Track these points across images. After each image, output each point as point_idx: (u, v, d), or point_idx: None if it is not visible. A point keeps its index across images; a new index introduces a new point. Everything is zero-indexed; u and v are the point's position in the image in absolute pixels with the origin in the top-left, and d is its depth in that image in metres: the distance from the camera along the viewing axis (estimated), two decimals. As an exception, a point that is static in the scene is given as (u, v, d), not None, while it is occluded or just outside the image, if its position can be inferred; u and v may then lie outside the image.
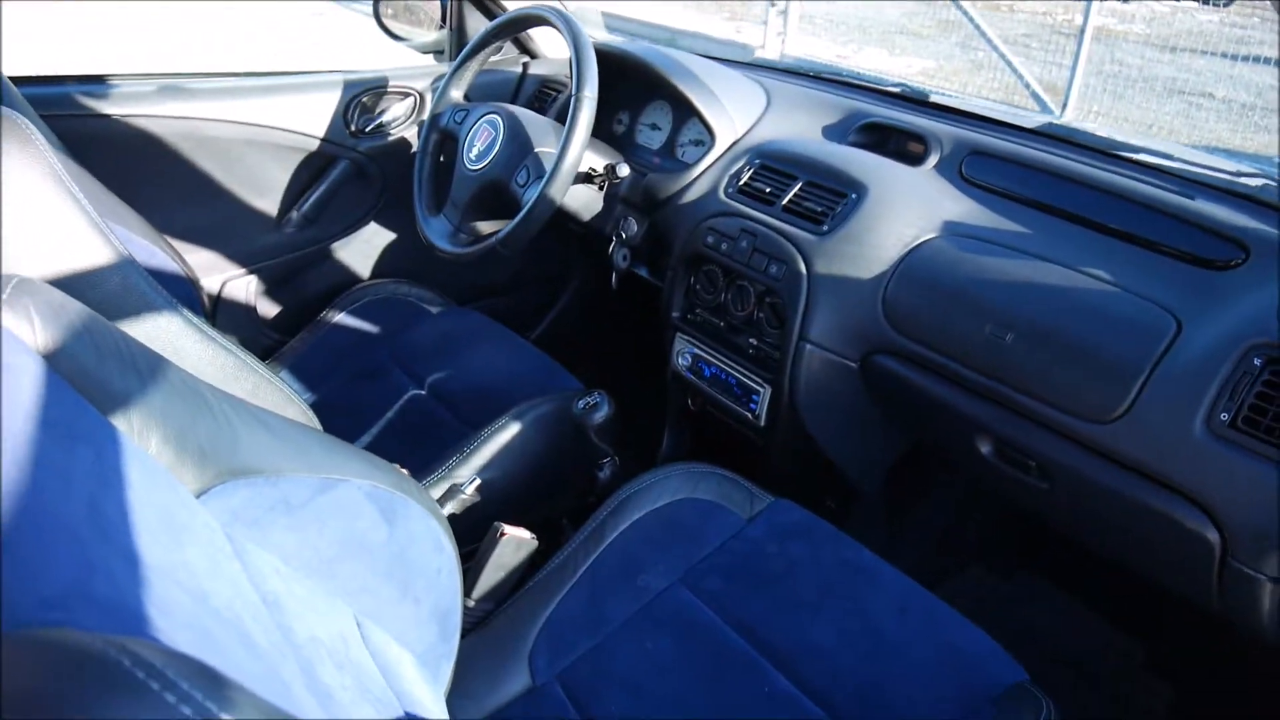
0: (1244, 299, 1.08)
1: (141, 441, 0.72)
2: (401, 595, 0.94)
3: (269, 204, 1.81)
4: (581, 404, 1.40)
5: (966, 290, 1.23)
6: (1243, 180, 1.26)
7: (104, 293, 0.94)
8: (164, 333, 1.01)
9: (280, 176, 1.80)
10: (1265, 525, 0.98)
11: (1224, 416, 1.00)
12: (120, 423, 0.71)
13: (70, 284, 0.91)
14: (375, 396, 1.58)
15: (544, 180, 1.42)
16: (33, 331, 0.66)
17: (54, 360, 0.67)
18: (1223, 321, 1.06)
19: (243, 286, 1.79)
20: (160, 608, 0.52)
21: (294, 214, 1.83)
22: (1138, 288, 1.15)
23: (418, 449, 1.45)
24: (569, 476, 1.50)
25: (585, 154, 1.52)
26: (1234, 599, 1.06)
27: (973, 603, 1.68)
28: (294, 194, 1.83)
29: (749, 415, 1.48)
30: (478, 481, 1.34)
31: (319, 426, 1.16)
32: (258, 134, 1.71)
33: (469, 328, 1.74)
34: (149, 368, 0.76)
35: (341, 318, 1.79)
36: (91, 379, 0.69)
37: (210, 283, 1.76)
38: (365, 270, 1.96)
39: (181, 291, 1.21)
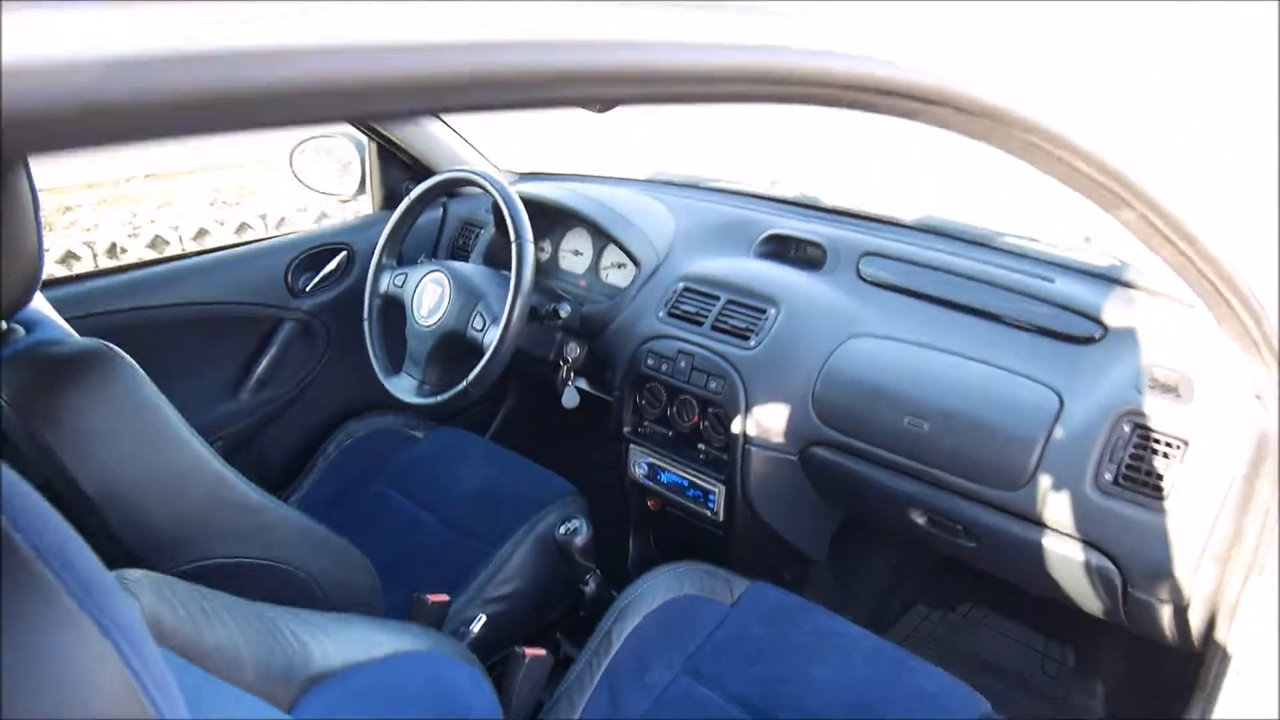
0: (1110, 371, 1.31)
1: (239, 680, 0.86)
2: None
3: (223, 375, 1.91)
4: (563, 530, 1.56)
5: (882, 387, 1.43)
6: (1094, 260, 1.50)
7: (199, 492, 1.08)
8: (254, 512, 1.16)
9: (230, 347, 1.91)
10: (1154, 561, 1.20)
11: (1108, 476, 1.23)
12: (218, 671, 0.84)
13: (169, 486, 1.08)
14: (386, 527, 1.71)
15: (501, 323, 1.58)
16: (143, 614, 0.79)
17: (160, 635, 0.80)
18: (1096, 393, 1.29)
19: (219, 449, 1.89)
20: None
21: (249, 380, 1.93)
22: (1022, 369, 1.37)
23: (435, 573, 1.59)
24: (559, 591, 1.65)
25: None
26: (1137, 618, 1.28)
27: (923, 638, 1.89)
28: (245, 361, 1.94)
29: (708, 512, 1.66)
30: (491, 610, 1.49)
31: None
32: (203, 312, 1.82)
33: (455, 446, 1.88)
34: (227, 614, 0.90)
35: (337, 455, 1.90)
36: (192, 642, 0.82)
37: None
38: (328, 415, 2.06)
39: None
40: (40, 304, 1.26)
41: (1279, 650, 1.20)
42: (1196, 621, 1.26)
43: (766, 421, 1.55)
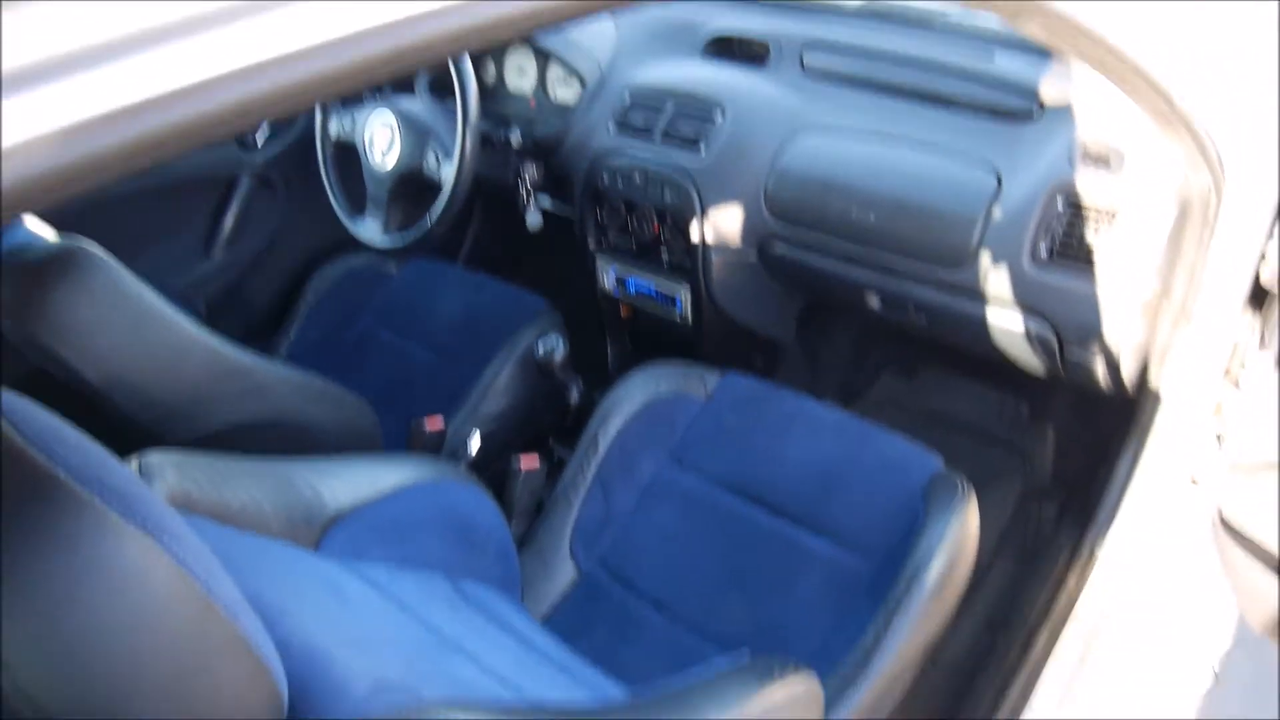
0: (1046, 147, 1.36)
1: (266, 532, 0.97)
2: (471, 549, 1.22)
3: (191, 238, 1.94)
4: (542, 349, 1.65)
5: (830, 180, 1.49)
6: None
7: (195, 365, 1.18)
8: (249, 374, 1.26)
9: (191, 210, 1.92)
10: (1087, 322, 1.31)
11: (1043, 250, 1.31)
12: (250, 526, 0.94)
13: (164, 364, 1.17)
14: (377, 361, 1.81)
15: (455, 156, 1.60)
16: (170, 492, 0.89)
17: (191, 506, 0.89)
18: (1032, 171, 1.35)
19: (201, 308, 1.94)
20: (379, 664, 0.76)
21: (218, 239, 1.96)
22: (963, 150, 1.42)
23: (427, 400, 1.69)
24: (545, 404, 1.76)
25: None
26: (1075, 374, 1.41)
27: (890, 404, 2.03)
28: (209, 221, 1.96)
29: (676, 315, 1.75)
30: (485, 429, 1.61)
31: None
32: (156, 181, 1.81)
33: (430, 276, 1.95)
34: (245, 475, 0.99)
35: (317, 300, 1.97)
36: (219, 506, 0.92)
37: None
38: (301, 261, 2.10)
39: None
40: None
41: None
42: (1129, 371, 1.37)
43: (723, 225, 1.61)
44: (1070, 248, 1.29)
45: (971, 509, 1.24)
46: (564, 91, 1.87)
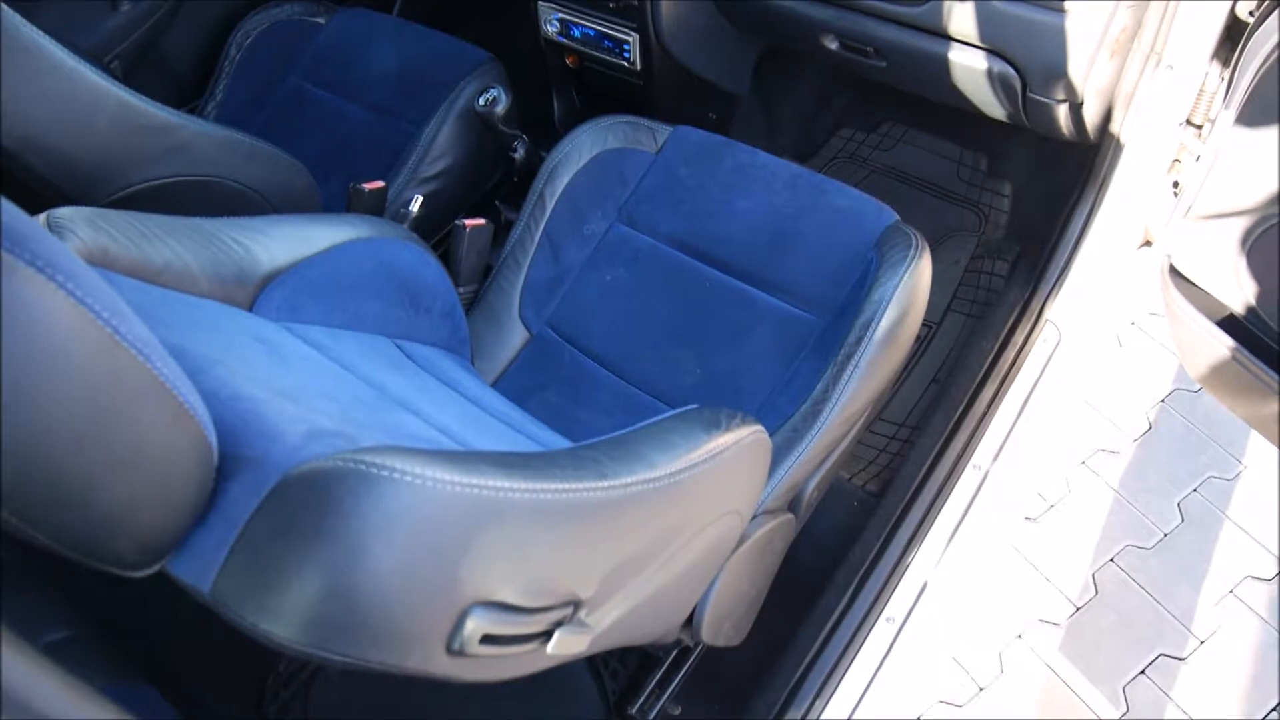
0: None
1: (195, 291, 0.92)
2: (416, 309, 1.19)
3: None
4: (482, 100, 1.56)
5: None
6: None
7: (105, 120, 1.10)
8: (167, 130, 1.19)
9: None
10: (1052, 61, 1.24)
11: (1010, -21, 1.22)
12: (173, 286, 0.90)
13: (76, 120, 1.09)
14: (310, 122, 1.71)
15: None
16: (84, 247, 0.83)
17: (108, 263, 0.84)
18: None
19: (117, 69, 1.81)
20: (310, 413, 0.75)
21: None
22: None
23: (366, 161, 1.62)
24: (489, 162, 1.69)
25: None
26: (1037, 118, 1.36)
27: (849, 158, 1.98)
28: None
29: (624, 63, 1.65)
30: (427, 190, 1.54)
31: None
32: None
33: (362, 27, 1.82)
34: (164, 232, 0.94)
35: (241, 56, 1.83)
36: (139, 264, 0.87)
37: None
38: (221, 12, 1.93)
39: None
40: None
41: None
42: (1092, 116, 1.33)
43: (673, -40, 1.49)
44: (1041, -19, 1.21)
45: (924, 262, 1.22)
46: None
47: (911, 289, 1.19)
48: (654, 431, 0.78)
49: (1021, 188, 1.82)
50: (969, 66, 1.32)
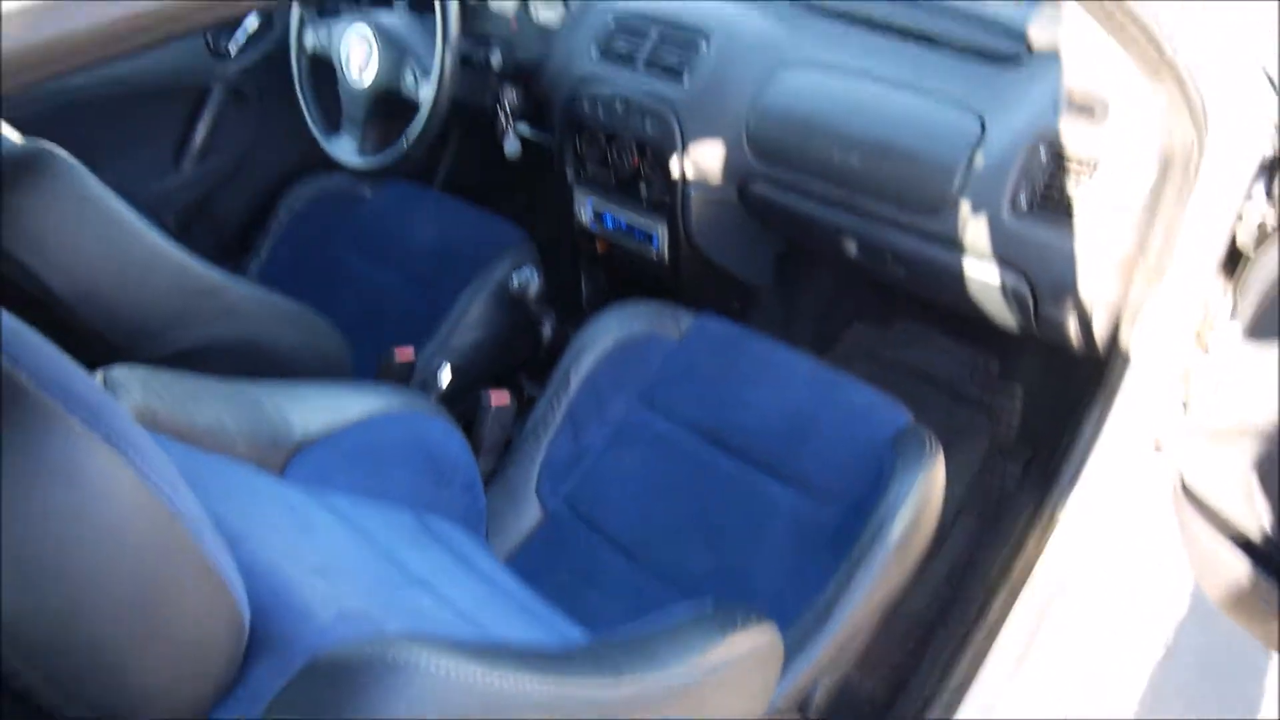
0: (1031, 92, 1.34)
1: (234, 453, 0.95)
2: (439, 483, 1.21)
3: (161, 149, 1.88)
4: (516, 281, 1.63)
5: (813, 120, 1.46)
6: None
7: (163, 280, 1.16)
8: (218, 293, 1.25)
9: (162, 120, 1.87)
10: (1063, 277, 1.31)
11: (1023, 200, 1.30)
12: (213, 448, 0.93)
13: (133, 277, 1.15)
14: (348, 287, 1.78)
15: (433, 76, 1.56)
16: (136, 407, 0.87)
17: (156, 425, 0.88)
18: (1017, 117, 1.33)
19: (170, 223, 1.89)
20: (338, 591, 0.76)
21: (189, 151, 1.91)
22: (948, 92, 1.39)
23: (399, 329, 1.67)
24: (518, 338, 1.75)
25: None
26: (1048, 331, 1.41)
27: (862, 354, 2.03)
28: (181, 133, 1.90)
29: (652, 253, 1.73)
30: (455, 360, 1.59)
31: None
32: (126, 87, 1.76)
33: (405, 201, 1.91)
34: (210, 395, 0.98)
35: (290, 220, 1.92)
36: (183, 425, 0.90)
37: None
38: (274, 178, 2.04)
39: None
40: None
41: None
42: (1100, 329, 1.38)
43: (703, 160, 1.58)
44: (1050, 199, 1.28)
45: (938, 465, 1.24)
46: (547, 13, 1.82)
47: (925, 492, 1.20)
48: (669, 632, 0.79)
49: (1033, 392, 1.85)
50: (983, 280, 1.39)
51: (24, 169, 1.05)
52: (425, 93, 1.58)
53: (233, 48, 1.89)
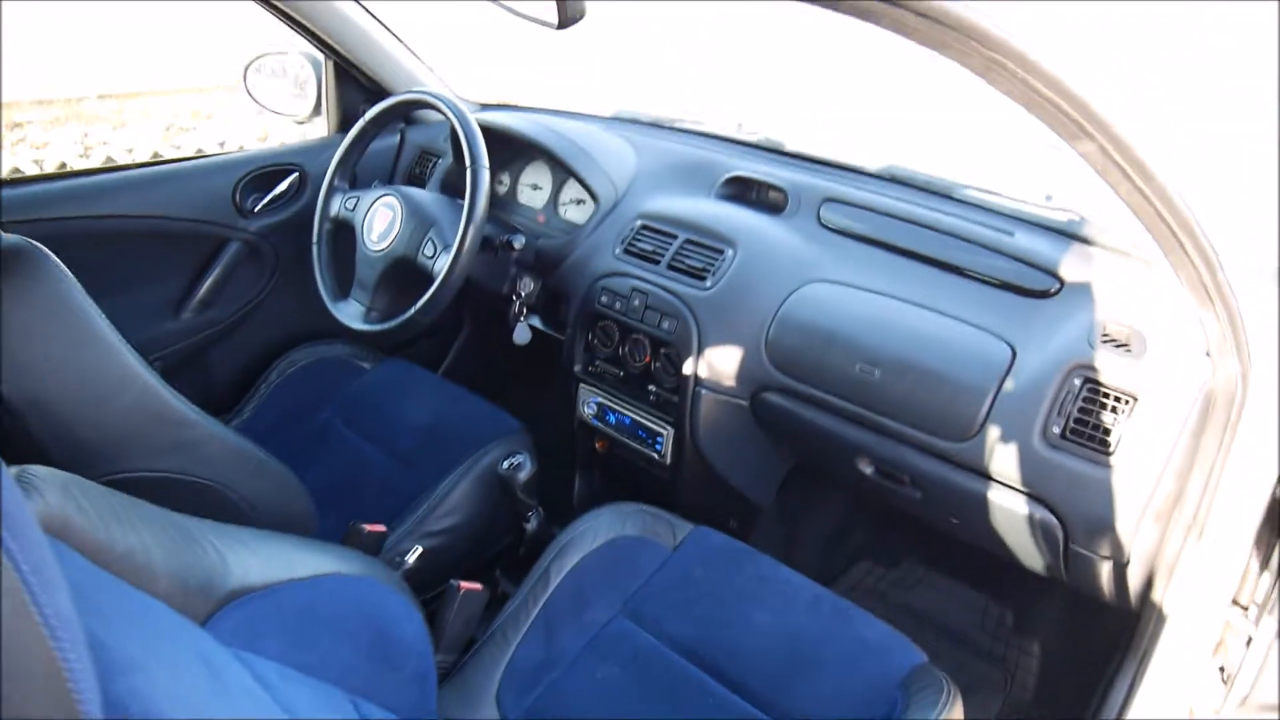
0: (1064, 325, 1.30)
1: (151, 589, 0.82)
2: (386, 666, 1.06)
3: (164, 292, 1.85)
4: (507, 464, 1.53)
5: (836, 333, 1.41)
6: (1054, 215, 1.48)
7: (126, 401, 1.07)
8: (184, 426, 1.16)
9: (173, 264, 1.85)
10: (1096, 515, 1.20)
11: (1056, 429, 1.22)
12: (128, 577, 0.80)
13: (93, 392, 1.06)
14: (328, 456, 1.67)
15: (453, 251, 1.53)
16: (47, 512, 0.75)
17: (65, 535, 0.76)
18: (1049, 346, 1.28)
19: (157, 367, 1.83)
20: None
21: (191, 300, 1.87)
22: (977, 320, 1.35)
23: (374, 504, 1.56)
24: (499, 528, 1.62)
25: None
26: (1077, 574, 1.28)
27: (867, 592, 1.89)
28: (189, 280, 1.88)
29: (655, 455, 1.64)
30: (429, 544, 1.47)
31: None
32: (146, 225, 1.76)
33: (403, 378, 1.84)
34: (141, 521, 0.86)
35: (280, 382, 1.86)
36: (99, 544, 0.78)
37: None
38: (273, 340, 2.00)
39: None
40: None
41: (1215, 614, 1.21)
42: (1135, 580, 1.26)
43: (718, 364, 1.52)
44: (1085, 429, 1.20)
45: (956, 713, 1.10)
46: (575, 212, 1.83)
47: (941, 741, 1.05)
48: None
49: (1052, 650, 1.70)
50: (1009, 510, 1.28)
51: (7, 261, 0.99)
52: (442, 263, 1.55)
53: (257, 206, 1.90)
